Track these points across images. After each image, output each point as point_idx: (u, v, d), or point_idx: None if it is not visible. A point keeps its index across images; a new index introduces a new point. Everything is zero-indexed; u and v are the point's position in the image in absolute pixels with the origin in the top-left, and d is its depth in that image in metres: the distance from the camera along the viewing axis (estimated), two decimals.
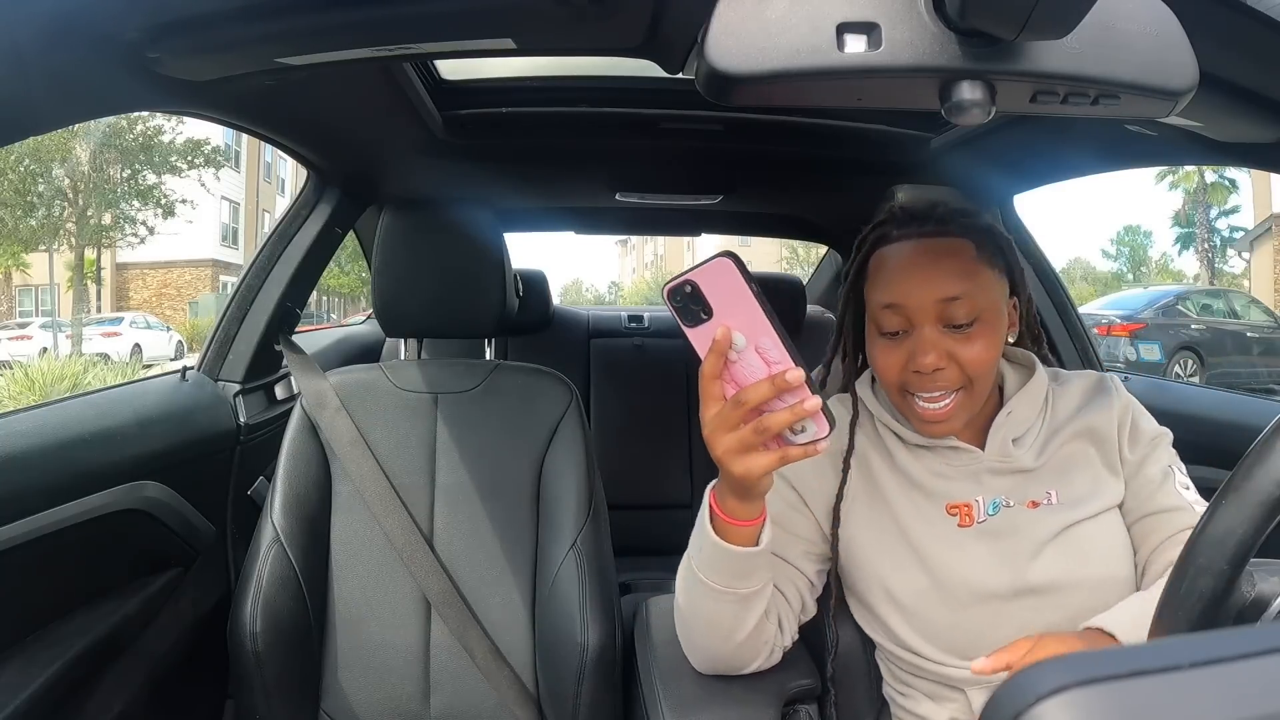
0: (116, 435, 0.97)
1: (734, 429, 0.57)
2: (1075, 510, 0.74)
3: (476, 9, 0.65)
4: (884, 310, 0.73)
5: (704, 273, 0.56)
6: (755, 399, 0.55)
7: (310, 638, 1.01)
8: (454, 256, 1.08)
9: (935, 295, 0.71)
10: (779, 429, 0.56)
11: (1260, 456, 0.44)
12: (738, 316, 0.56)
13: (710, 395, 0.57)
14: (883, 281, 0.74)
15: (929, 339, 0.71)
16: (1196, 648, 0.22)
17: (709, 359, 0.56)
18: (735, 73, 0.47)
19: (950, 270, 0.72)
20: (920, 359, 0.71)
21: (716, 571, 0.68)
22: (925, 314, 0.71)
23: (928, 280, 0.71)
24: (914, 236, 0.74)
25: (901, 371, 0.73)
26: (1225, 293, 10.46)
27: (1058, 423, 0.78)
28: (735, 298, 0.55)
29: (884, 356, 0.74)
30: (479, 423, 1.09)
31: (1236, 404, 1.28)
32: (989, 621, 0.73)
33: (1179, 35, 0.49)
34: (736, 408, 0.56)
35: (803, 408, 0.55)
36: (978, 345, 0.71)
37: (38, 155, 12.79)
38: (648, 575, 1.70)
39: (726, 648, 0.74)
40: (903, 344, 0.73)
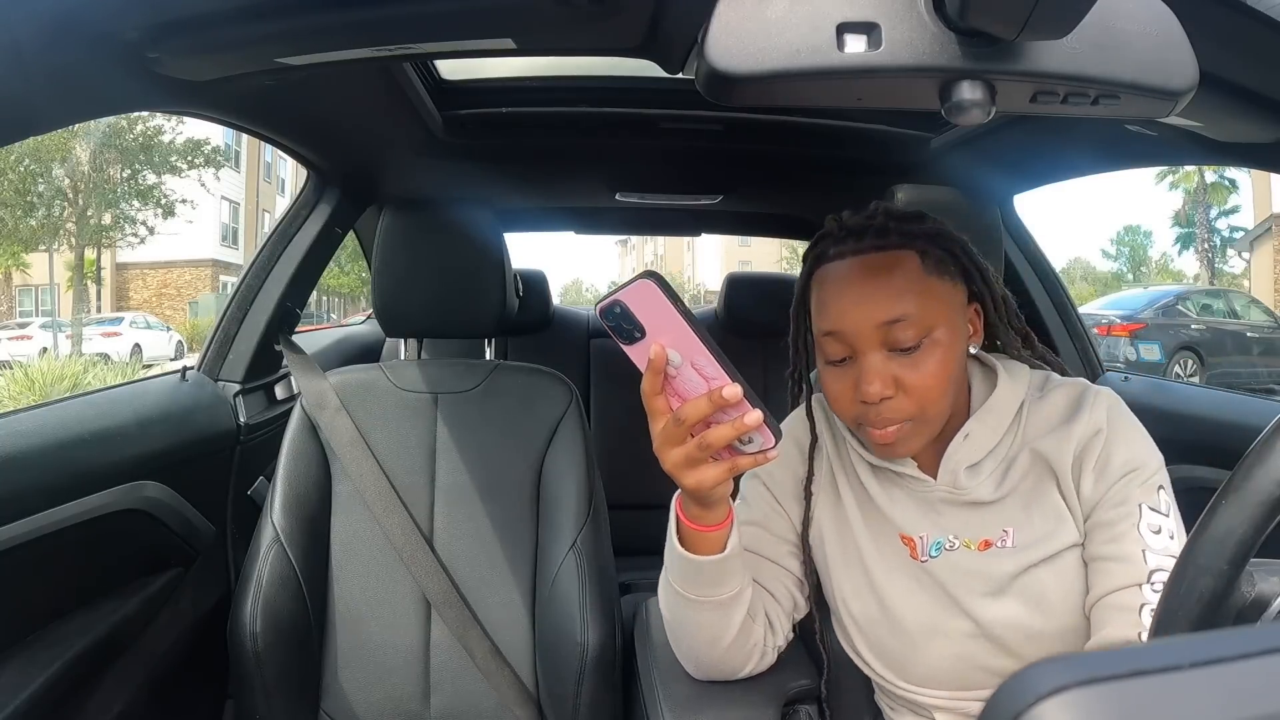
0: (116, 435, 0.97)
1: (679, 444, 0.57)
2: (1029, 552, 0.67)
3: (476, 9, 0.65)
4: (825, 337, 0.69)
5: (629, 293, 0.55)
6: (695, 416, 0.55)
7: (310, 638, 1.01)
8: (454, 256, 1.08)
9: (876, 319, 0.65)
10: (722, 444, 0.56)
11: (1260, 456, 0.44)
12: (669, 335, 0.55)
13: (654, 410, 0.57)
14: (821, 305, 0.69)
15: (873, 367, 0.66)
16: (1196, 648, 0.22)
17: (647, 377, 0.56)
18: (735, 73, 0.47)
19: (891, 289, 0.65)
20: (865, 388, 0.66)
21: (689, 582, 0.68)
22: (867, 340, 0.66)
23: (866, 303, 0.66)
24: (851, 254, 0.68)
25: (852, 402, 0.68)
26: (1225, 293, 10.46)
27: (1024, 442, 0.71)
28: (664, 318, 0.55)
29: (832, 385, 0.70)
30: (479, 423, 1.09)
31: (1236, 404, 1.28)
32: (945, 657, 0.70)
33: (1179, 35, 0.49)
34: (679, 425, 0.56)
35: (743, 423, 0.55)
36: (928, 366, 0.65)
37: (38, 155, 12.79)
38: (648, 575, 1.68)
39: (714, 654, 0.74)
40: (849, 371, 0.68)
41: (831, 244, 0.70)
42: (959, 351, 0.68)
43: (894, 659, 0.73)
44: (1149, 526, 0.64)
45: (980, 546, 0.70)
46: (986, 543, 0.70)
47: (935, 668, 0.71)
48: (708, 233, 2.33)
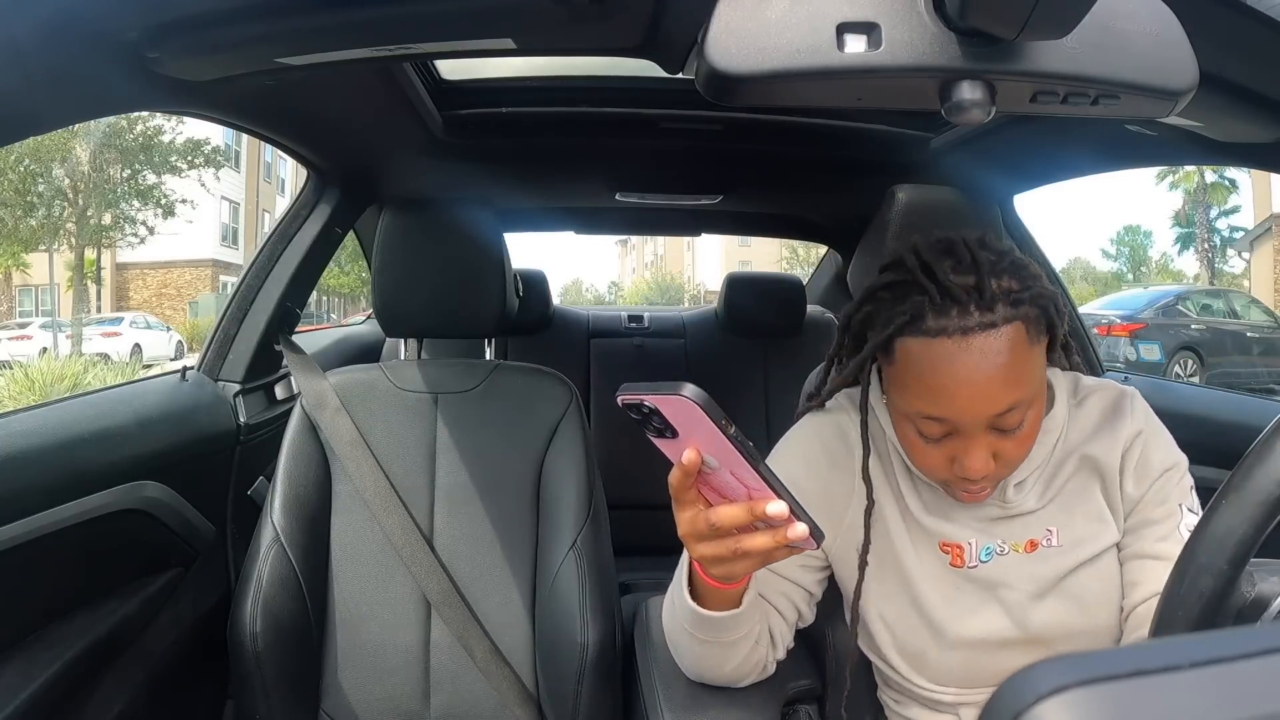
0: (116, 435, 0.97)
1: (708, 541, 0.54)
2: (1074, 553, 0.69)
3: (476, 9, 0.65)
4: (925, 420, 0.64)
5: (664, 401, 0.48)
6: (731, 524, 0.51)
7: (310, 638, 1.01)
8: (454, 256, 1.08)
9: (989, 411, 0.61)
10: (759, 554, 0.52)
11: (1260, 456, 0.44)
12: (708, 444, 0.50)
13: (683, 501, 0.53)
14: (920, 385, 0.63)
15: (978, 451, 0.63)
16: (1196, 648, 0.22)
17: (677, 475, 0.52)
18: (735, 73, 0.47)
19: (1005, 379, 0.60)
20: (970, 466, 0.63)
21: (698, 628, 0.67)
22: (977, 428, 0.62)
23: (980, 397, 0.60)
24: (957, 333, 0.60)
25: (946, 471, 0.66)
26: (1225, 293, 10.47)
27: (1067, 450, 0.72)
28: (703, 430, 0.49)
29: (924, 456, 0.67)
30: (479, 423, 1.09)
31: (1236, 404, 1.28)
32: (980, 664, 0.71)
33: (1179, 35, 0.49)
34: (709, 525, 0.52)
35: (784, 535, 0.50)
36: (1024, 436, 0.64)
37: (38, 155, 12.80)
38: (648, 575, 1.70)
39: (717, 675, 0.74)
40: (945, 446, 0.65)
41: (930, 313, 0.61)
42: (1044, 408, 0.67)
43: (929, 664, 0.72)
44: (1187, 527, 0.66)
45: (1027, 548, 0.71)
46: (1033, 543, 0.71)
47: (971, 669, 0.71)
48: (708, 233, 2.33)
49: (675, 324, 2.13)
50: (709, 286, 32.50)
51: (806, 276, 2.45)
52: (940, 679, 0.73)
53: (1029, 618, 0.70)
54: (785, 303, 1.98)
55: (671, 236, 17.78)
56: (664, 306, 9.47)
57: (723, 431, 0.48)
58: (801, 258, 23.17)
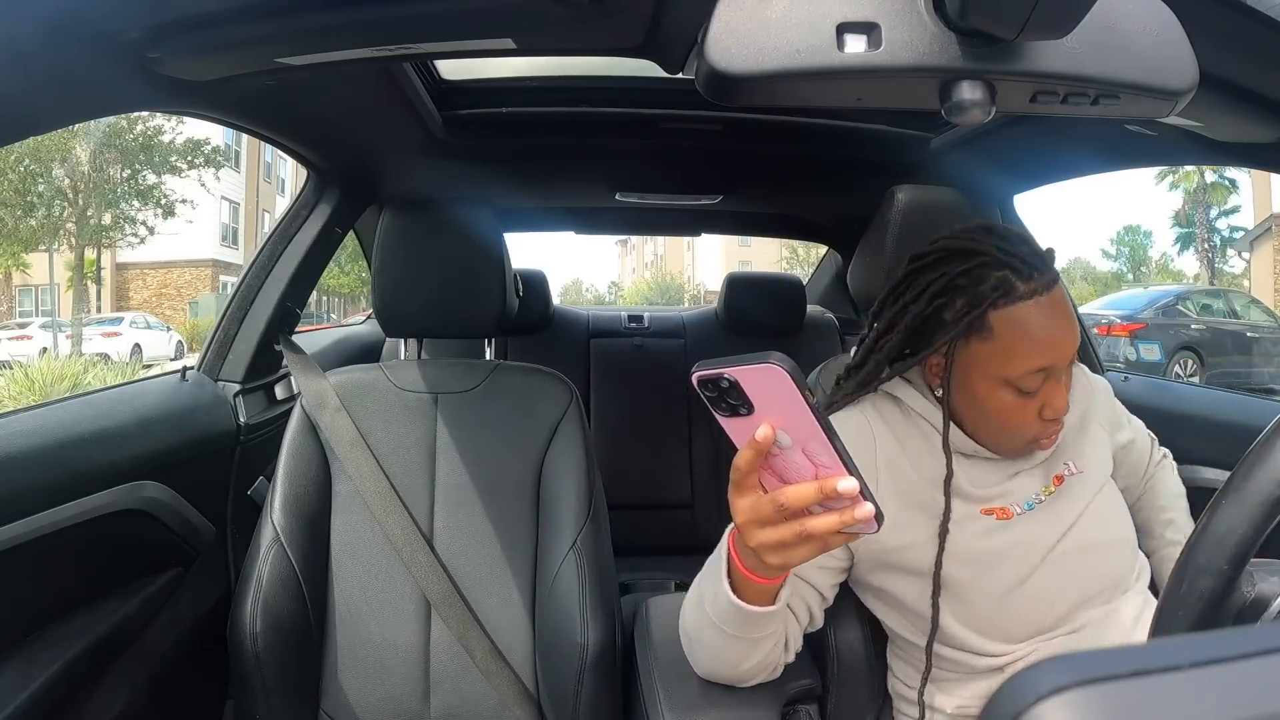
0: (116, 435, 0.97)
1: (771, 525, 0.54)
2: (1091, 480, 0.80)
3: (476, 9, 0.65)
4: (1034, 374, 0.70)
5: (747, 373, 0.49)
6: (800, 504, 0.51)
7: (310, 638, 1.01)
8: (454, 256, 1.08)
9: (1070, 353, 0.71)
10: (824, 535, 0.52)
11: (1260, 456, 0.44)
12: (784, 418, 0.50)
13: (745, 486, 0.54)
14: (1033, 346, 0.69)
15: (1063, 388, 0.73)
16: (1196, 648, 0.22)
17: (745, 455, 0.52)
18: (735, 73, 0.47)
19: (1074, 320, 0.72)
20: (1059, 406, 0.72)
21: (729, 622, 0.67)
22: (1066, 367, 0.73)
23: (1069, 334, 0.71)
24: (1044, 291, 0.70)
25: (1036, 424, 0.73)
26: (1225, 293, 10.46)
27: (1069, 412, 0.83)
28: (784, 402, 0.49)
29: (1019, 414, 0.72)
30: (479, 423, 1.09)
31: (1236, 404, 1.28)
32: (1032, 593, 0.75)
33: (1179, 35, 0.49)
34: (776, 508, 0.52)
35: (852, 515, 0.50)
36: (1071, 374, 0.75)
37: (38, 155, 12.80)
38: (648, 575, 1.70)
39: (731, 674, 0.74)
40: (1038, 398, 0.72)
41: (1018, 281, 0.70)
42: None
43: (985, 614, 0.76)
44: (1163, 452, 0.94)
45: (1055, 483, 0.79)
46: (1059, 478, 0.79)
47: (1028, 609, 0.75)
48: (708, 233, 2.33)
49: (675, 324, 2.13)
50: (709, 286, 32.49)
51: (806, 276, 2.45)
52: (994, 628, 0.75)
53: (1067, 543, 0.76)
54: (785, 303, 1.98)
55: (671, 236, 17.78)
56: (664, 306, 9.47)
57: (806, 402, 0.48)
58: (801, 258, 23.17)
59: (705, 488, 1.92)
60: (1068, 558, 0.76)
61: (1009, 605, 0.75)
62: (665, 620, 0.86)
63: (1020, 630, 0.76)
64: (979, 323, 0.71)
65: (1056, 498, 0.78)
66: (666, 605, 0.90)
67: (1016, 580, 0.75)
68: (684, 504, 1.92)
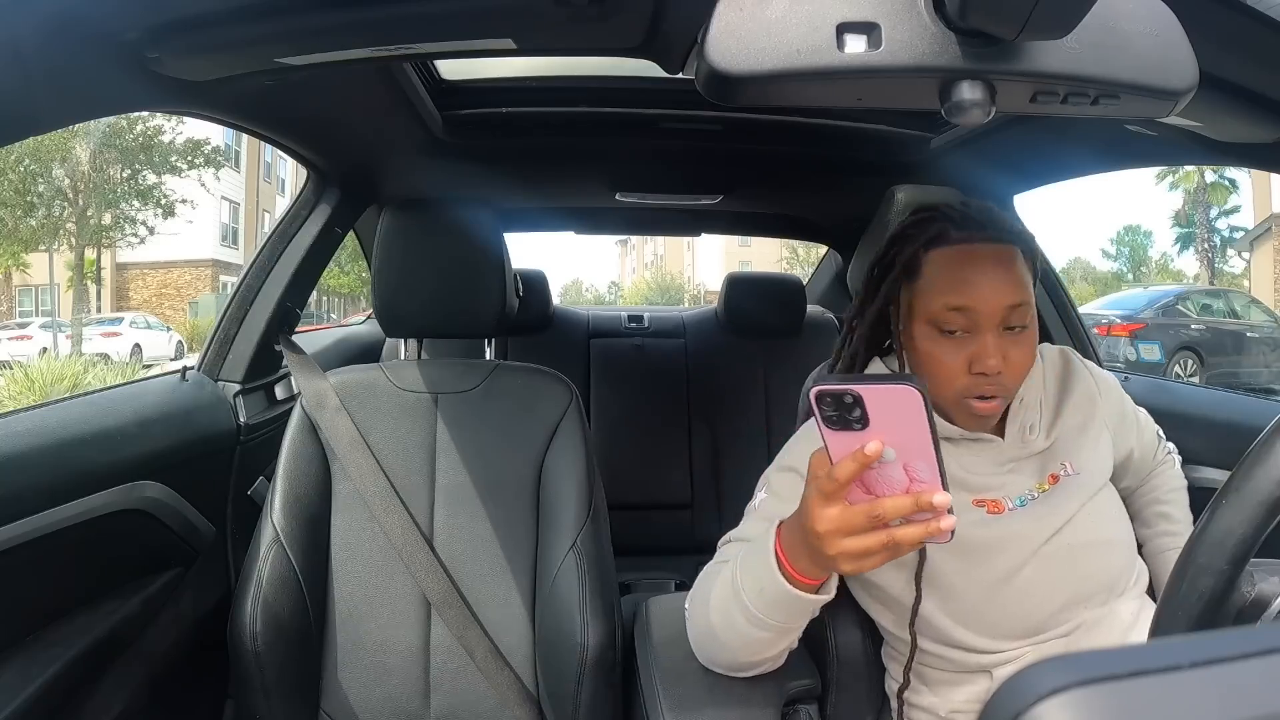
0: (116, 435, 0.97)
1: (858, 535, 0.56)
2: (1091, 477, 0.80)
3: (476, 9, 0.65)
4: (950, 312, 0.74)
5: (881, 391, 0.52)
6: (896, 514, 0.54)
7: (310, 638, 1.01)
8: (454, 256, 1.08)
9: (1005, 301, 0.73)
10: (907, 545, 0.55)
11: (1260, 456, 0.44)
12: (897, 436, 0.53)
13: (836, 497, 0.56)
14: (951, 282, 0.74)
15: (994, 343, 0.73)
16: (1196, 648, 0.22)
17: (846, 466, 0.54)
18: (735, 73, 0.47)
19: (1015, 277, 0.74)
20: (986, 361, 0.73)
21: (777, 611, 0.67)
22: (992, 319, 0.73)
23: (1000, 285, 0.73)
24: (978, 240, 0.75)
25: (963, 375, 0.74)
26: (1225, 293, 10.45)
27: (1050, 399, 0.84)
28: (906, 421, 0.53)
29: (945, 359, 0.75)
30: (479, 423, 1.09)
31: (1236, 404, 1.28)
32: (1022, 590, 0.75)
33: (1179, 35, 0.49)
34: (870, 518, 0.55)
35: (937, 527, 0.54)
36: (1027, 347, 0.75)
37: (38, 155, 12.78)
38: (648, 575, 1.70)
39: (749, 661, 0.74)
40: (962, 346, 0.74)
41: (953, 227, 0.76)
42: (1038, 338, 0.79)
43: (972, 609, 0.76)
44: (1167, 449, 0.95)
45: (1050, 481, 0.80)
46: (1054, 477, 0.80)
47: (1017, 602, 0.75)
48: (708, 233, 2.33)
49: (675, 324, 2.13)
50: (709, 286, 32.49)
51: (806, 276, 2.45)
52: (983, 624, 0.75)
53: (1059, 541, 0.76)
54: (785, 303, 1.98)
55: (671, 236, 17.78)
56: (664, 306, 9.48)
57: (931, 423, 0.52)
58: (801, 258, 23.17)
59: (705, 488, 1.92)
60: (1058, 555, 0.76)
61: (997, 600, 0.75)
62: (665, 620, 0.86)
63: (1009, 626, 0.76)
64: (912, 264, 0.77)
65: (1050, 495, 0.78)
66: (666, 605, 0.90)
67: (1005, 574, 0.75)
68: (684, 504, 1.92)
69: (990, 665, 0.76)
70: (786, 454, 0.83)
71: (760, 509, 0.79)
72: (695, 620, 0.75)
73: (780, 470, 0.81)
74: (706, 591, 0.73)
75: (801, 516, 0.59)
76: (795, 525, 0.62)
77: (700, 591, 0.75)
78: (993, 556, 0.76)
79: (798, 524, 0.61)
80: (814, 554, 0.59)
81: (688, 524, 1.91)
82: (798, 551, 0.62)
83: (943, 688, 0.79)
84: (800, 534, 0.60)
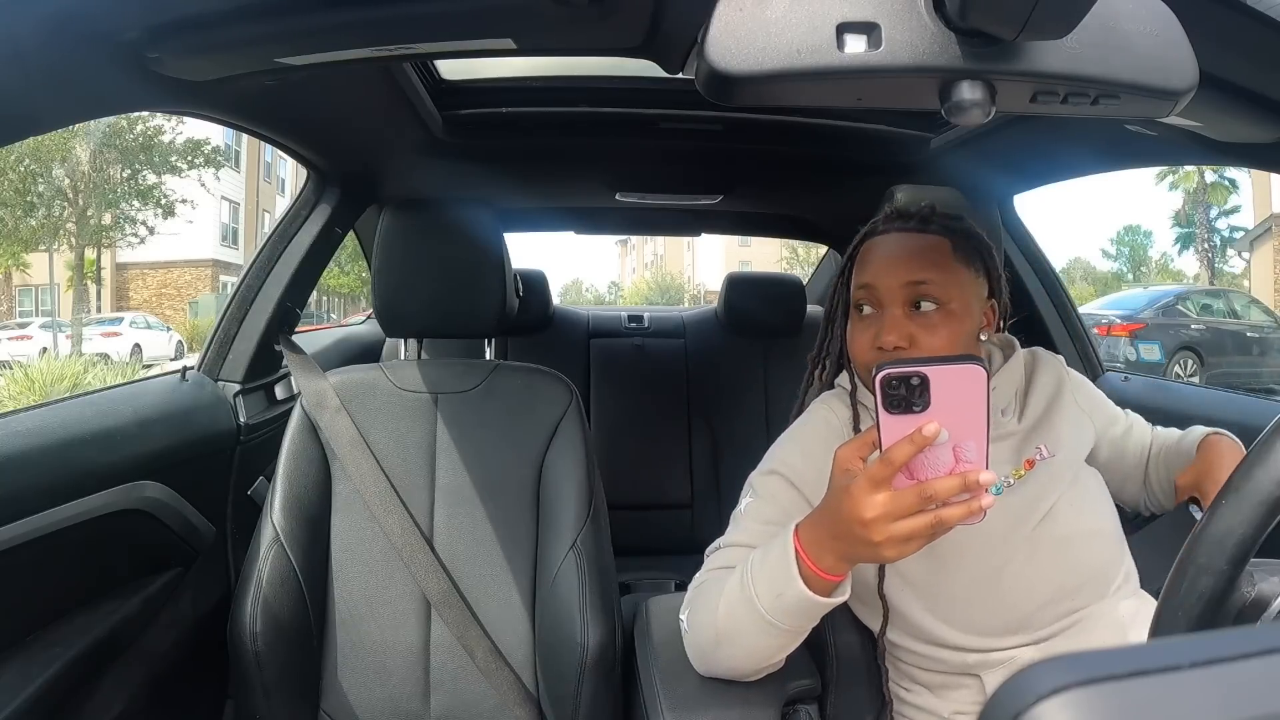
0: (116, 435, 0.97)
1: (906, 517, 0.56)
2: (1066, 468, 0.79)
3: (476, 9, 0.65)
4: (859, 290, 0.79)
5: (947, 371, 0.54)
6: (946, 495, 0.55)
7: (310, 638, 1.01)
8: (454, 257, 1.08)
9: (903, 278, 0.76)
10: (947, 526, 0.56)
11: (1260, 456, 0.44)
12: (955, 417, 0.54)
13: (883, 481, 0.56)
14: (863, 265, 0.80)
15: (893, 318, 0.76)
16: (1196, 648, 0.22)
17: (903, 448, 0.55)
18: (735, 73, 0.47)
19: (922, 260, 0.77)
20: (885, 337, 0.75)
21: (792, 616, 0.66)
22: (893, 296, 0.76)
23: (900, 265, 0.77)
24: (897, 230, 0.80)
25: (869, 350, 0.77)
26: (1225, 293, 10.44)
27: (1021, 388, 0.86)
28: (966, 402, 0.54)
29: (855, 335, 0.80)
30: (479, 423, 1.09)
31: (1236, 404, 1.28)
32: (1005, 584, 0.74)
33: (1179, 35, 0.49)
34: (921, 499, 0.55)
35: (978, 504, 0.55)
36: (939, 331, 0.75)
37: (38, 155, 12.78)
38: (648, 575, 1.70)
39: (753, 669, 0.74)
40: (872, 324, 0.78)
41: (884, 222, 0.82)
42: (969, 329, 0.78)
43: (955, 607, 0.75)
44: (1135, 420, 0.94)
45: (1025, 467, 0.79)
46: (1030, 462, 0.79)
47: (999, 600, 0.74)
48: (708, 233, 2.33)
49: (675, 324, 2.13)
50: (709, 286, 32.49)
51: (806, 276, 2.45)
52: (968, 622, 0.75)
53: (1042, 528, 0.75)
54: (785, 303, 1.98)
55: (671, 236, 17.78)
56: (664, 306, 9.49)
57: (988, 402, 0.54)
58: (801, 258, 23.17)
59: (705, 488, 1.92)
60: (1040, 547, 0.75)
61: (981, 596, 0.74)
62: (665, 620, 0.86)
63: (995, 623, 0.75)
64: (853, 256, 0.83)
65: (1026, 483, 0.77)
66: (666, 605, 0.90)
67: (987, 570, 0.74)
68: (684, 504, 1.92)
69: (979, 666, 0.75)
70: (770, 458, 0.83)
71: (748, 513, 0.79)
72: (698, 630, 0.74)
73: (764, 474, 0.82)
74: (711, 602, 0.72)
75: (839, 507, 0.59)
76: (823, 520, 0.62)
77: (701, 601, 0.74)
78: (970, 550, 0.74)
79: (828, 518, 0.61)
80: (854, 544, 0.59)
81: (688, 524, 1.91)
82: (823, 548, 0.62)
83: (941, 690, 0.78)
84: (831, 527, 0.60)
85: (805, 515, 0.79)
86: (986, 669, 0.75)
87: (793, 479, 0.80)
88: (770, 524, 0.77)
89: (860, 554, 0.60)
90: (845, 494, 0.58)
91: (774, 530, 0.77)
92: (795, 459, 0.81)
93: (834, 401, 0.86)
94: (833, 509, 0.60)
